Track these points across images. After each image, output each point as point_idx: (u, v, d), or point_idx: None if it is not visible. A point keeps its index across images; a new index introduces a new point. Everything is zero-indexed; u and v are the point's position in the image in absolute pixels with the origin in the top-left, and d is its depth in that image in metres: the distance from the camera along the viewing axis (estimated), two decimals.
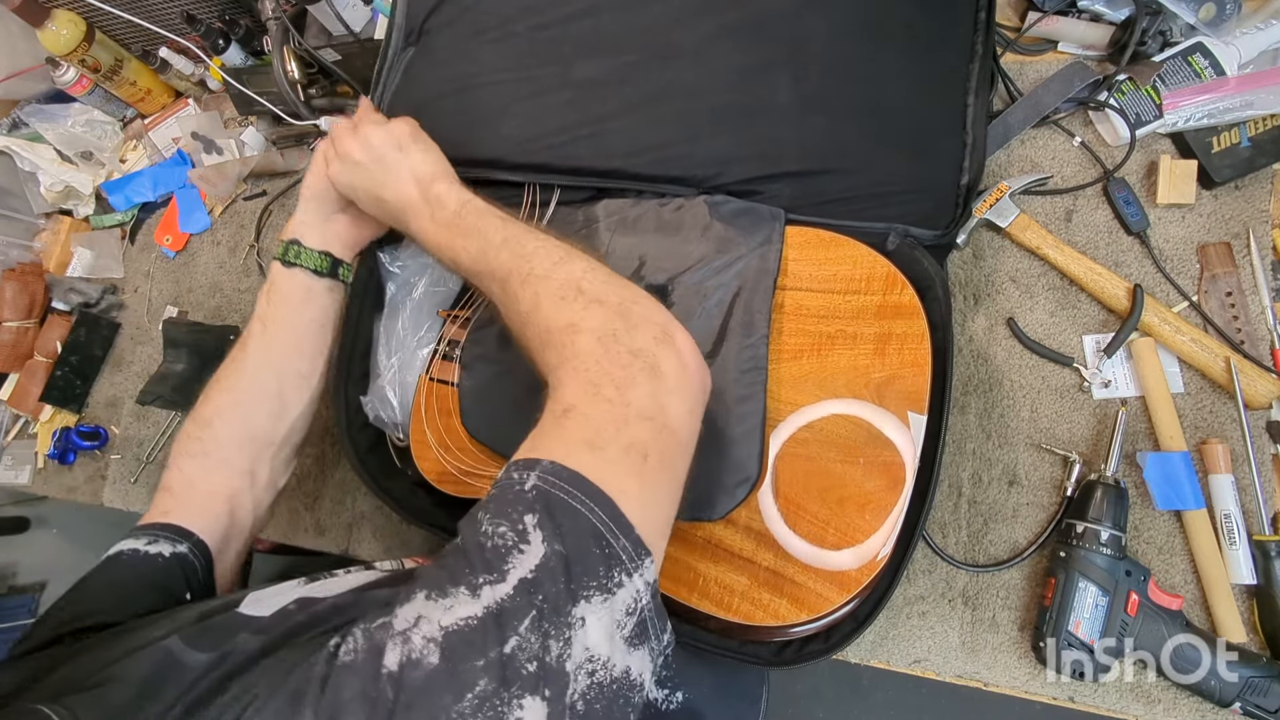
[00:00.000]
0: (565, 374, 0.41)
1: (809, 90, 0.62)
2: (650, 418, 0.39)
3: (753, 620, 0.53)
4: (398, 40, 0.70)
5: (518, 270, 0.47)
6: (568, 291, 0.44)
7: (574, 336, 0.42)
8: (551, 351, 0.43)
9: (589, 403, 0.39)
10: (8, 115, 1.12)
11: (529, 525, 0.33)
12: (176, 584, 0.51)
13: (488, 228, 0.51)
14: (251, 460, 0.62)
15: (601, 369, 0.40)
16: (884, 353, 0.56)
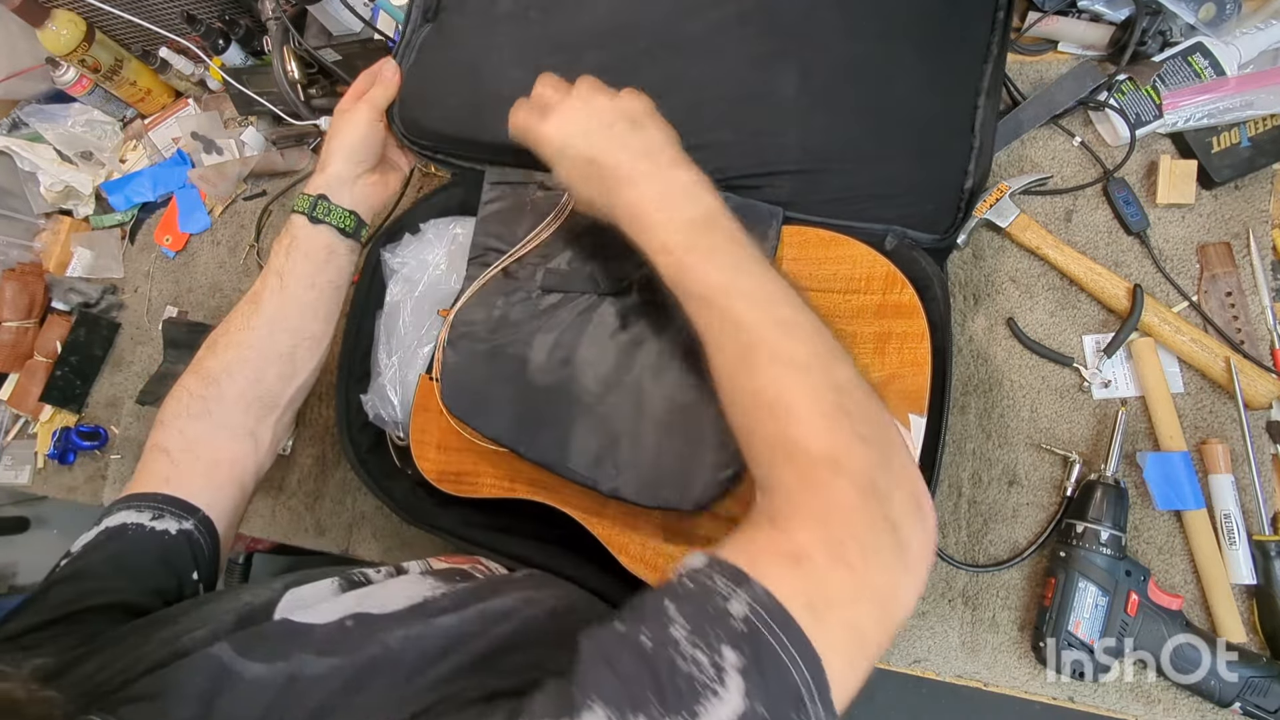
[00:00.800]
0: (807, 512, 0.36)
1: (816, 86, 0.61)
2: (883, 602, 0.35)
3: None
4: (416, 16, 0.70)
5: (766, 340, 0.41)
6: (831, 408, 0.38)
7: (834, 477, 0.36)
8: (792, 472, 0.37)
9: (829, 563, 0.34)
10: (8, 115, 1.12)
11: (729, 666, 0.30)
12: (184, 563, 0.50)
13: (739, 258, 0.45)
14: (256, 422, 0.60)
15: (851, 528, 0.35)
16: (883, 352, 0.56)
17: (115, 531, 0.49)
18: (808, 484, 0.36)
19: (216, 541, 0.53)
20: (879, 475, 0.36)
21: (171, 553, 0.50)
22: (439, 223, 0.73)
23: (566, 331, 0.61)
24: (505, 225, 0.67)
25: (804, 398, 0.39)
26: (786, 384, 0.39)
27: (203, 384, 0.58)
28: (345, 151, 0.63)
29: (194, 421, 0.57)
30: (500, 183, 0.68)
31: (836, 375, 0.40)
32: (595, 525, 0.60)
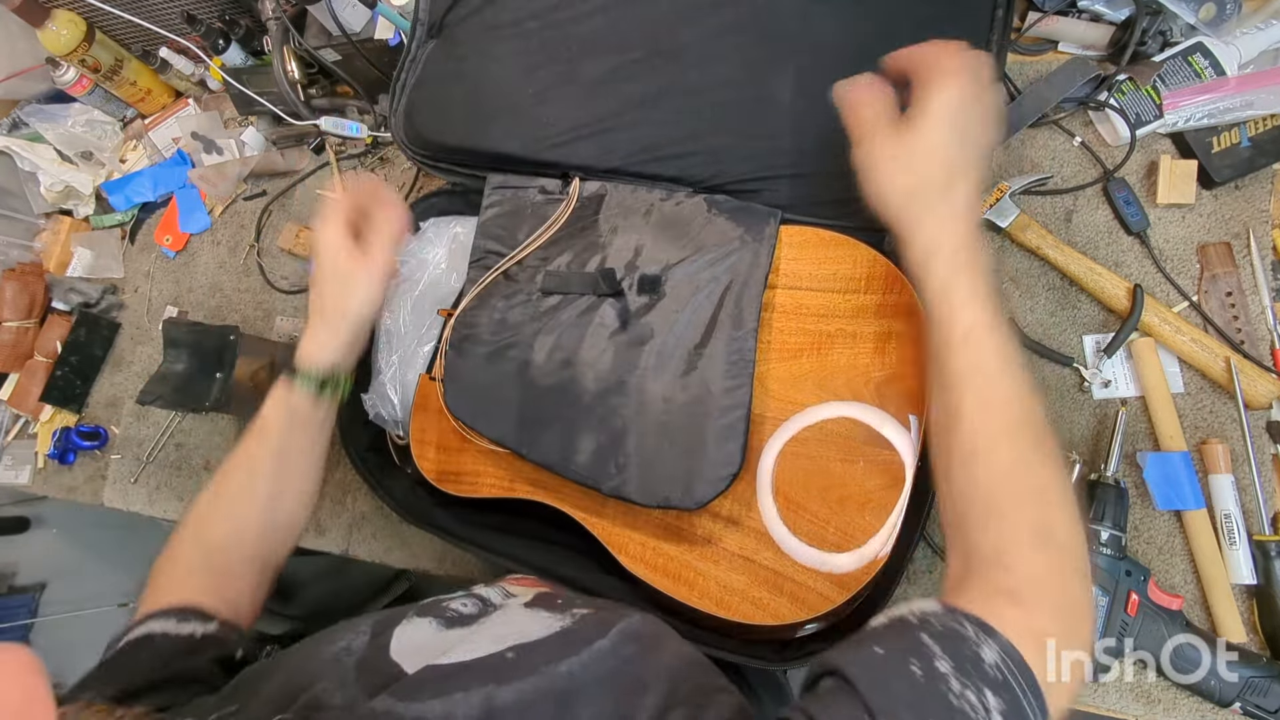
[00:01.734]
0: (1052, 602, 0.38)
1: (812, 90, 0.61)
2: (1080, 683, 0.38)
3: (753, 620, 0.53)
4: (421, 33, 0.71)
5: (1035, 424, 0.43)
6: (1071, 501, 0.41)
7: (1074, 573, 0.39)
8: (1043, 559, 0.39)
9: (1065, 646, 0.37)
10: (8, 115, 1.12)
11: (994, 709, 0.33)
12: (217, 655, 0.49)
13: (1010, 331, 0.45)
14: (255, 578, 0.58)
15: (1083, 622, 0.39)
16: (884, 352, 0.56)
17: (143, 640, 0.49)
18: (1056, 574, 0.39)
19: (243, 635, 0.53)
20: (1091, 574, 0.40)
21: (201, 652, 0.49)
22: (439, 222, 0.74)
23: (567, 333, 0.61)
24: (505, 229, 0.67)
25: (1060, 490, 0.41)
26: (1052, 473, 0.41)
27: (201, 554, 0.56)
28: (361, 322, 0.60)
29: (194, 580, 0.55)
30: (501, 187, 0.68)
31: (1063, 468, 0.43)
32: (595, 525, 0.60)
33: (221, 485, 0.58)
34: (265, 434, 0.58)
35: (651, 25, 0.64)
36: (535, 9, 0.66)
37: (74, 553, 1.61)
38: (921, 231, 0.46)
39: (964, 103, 0.46)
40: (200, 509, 0.58)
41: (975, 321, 0.44)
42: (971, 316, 0.44)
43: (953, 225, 0.46)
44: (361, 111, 0.92)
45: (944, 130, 0.46)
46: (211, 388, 0.81)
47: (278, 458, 0.58)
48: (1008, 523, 0.40)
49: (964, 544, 0.42)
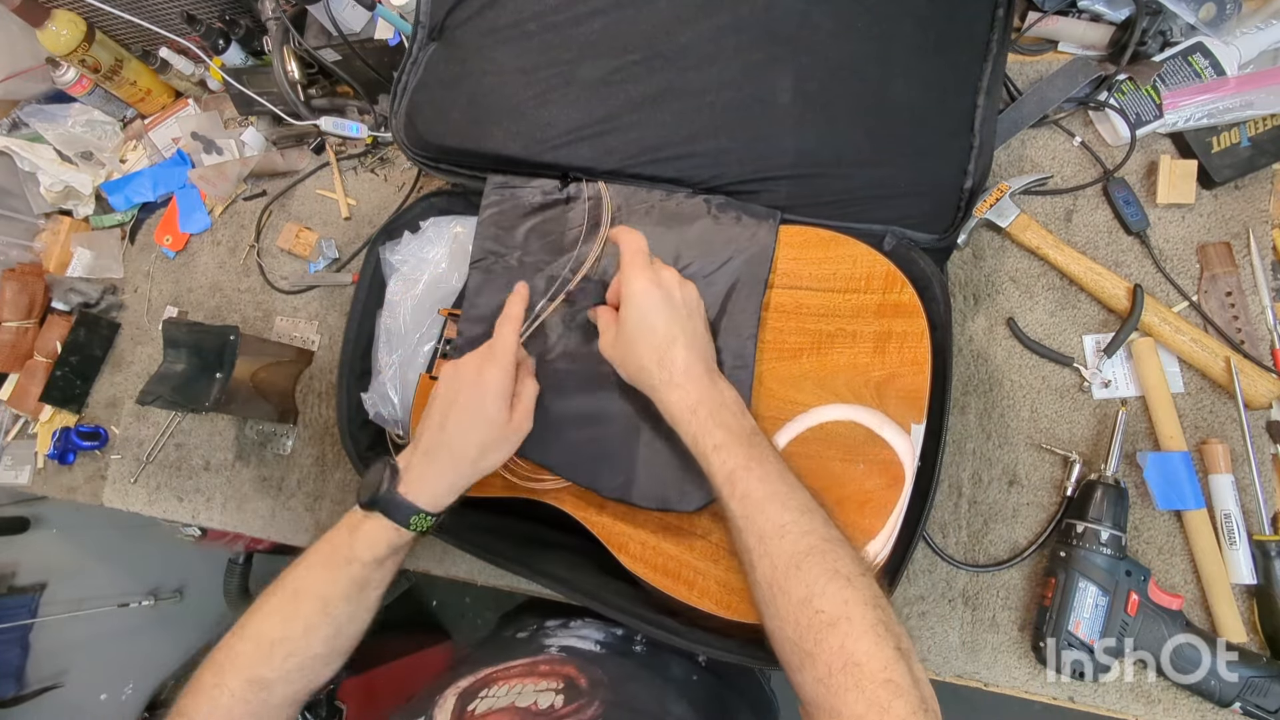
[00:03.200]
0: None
1: (811, 90, 0.62)
2: None
3: (752, 619, 0.53)
4: (422, 36, 0.71)
5: (821, 552, 0.44)
6: (875, 622, 0.41)
7: (893, 698, 0.39)
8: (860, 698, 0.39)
9: None
10: (8, 115, 1.12)
11: None
12: None
13: (783, 470, 0.48)
14: (294, 709, 0.55)
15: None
16: (884, 351, 0.56)
17: None
18: (875, 709, 0.38)
19: None
20: (918, 688, 0.39)
21: None
22: (439, 221, 0.74)
23: (568, 336, 0.61)
24: (505, 229, 0.67)
25: (859, 614, 0.41)
26: (844, 599, 0.42)
27: (251, 689, 0.51)
28: (489, 471, 0.56)
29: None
30: (502, 186, 0.68)
31: (872, 585, 0.43)
32: (595, 524, 0.60)
33: (290, 621, 0.54)
34: (349, 567, 0.54)
35: (651, 27, 0.64)
36: (535, 11, 0.66)
37: (74, 553, 1.61)
38: (661, 402, 0.52)
39: (649, 288, 0.53)
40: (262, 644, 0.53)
41: (733, 467, 0.48)
42: (728, 462, 0.48)
43: (679, 392, 0.51)
44: (361, 112, 0.92)
45: (636, 319, 0.53)
46: (211, 388, 0.81)
47: (361, 590, 0.54)
48: (819, 664, 0.41)
49: (797, 689, 0.43)
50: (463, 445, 0.54)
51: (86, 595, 1.59)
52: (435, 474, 0.54)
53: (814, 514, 0.46)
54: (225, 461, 0.94)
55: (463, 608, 1.86)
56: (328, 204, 0.96)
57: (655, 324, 0.53)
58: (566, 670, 0.55)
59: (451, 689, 0.54)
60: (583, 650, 0.61)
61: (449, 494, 0.55)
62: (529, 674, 0.55)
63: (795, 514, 0.46)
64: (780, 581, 0.44)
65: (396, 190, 0.92)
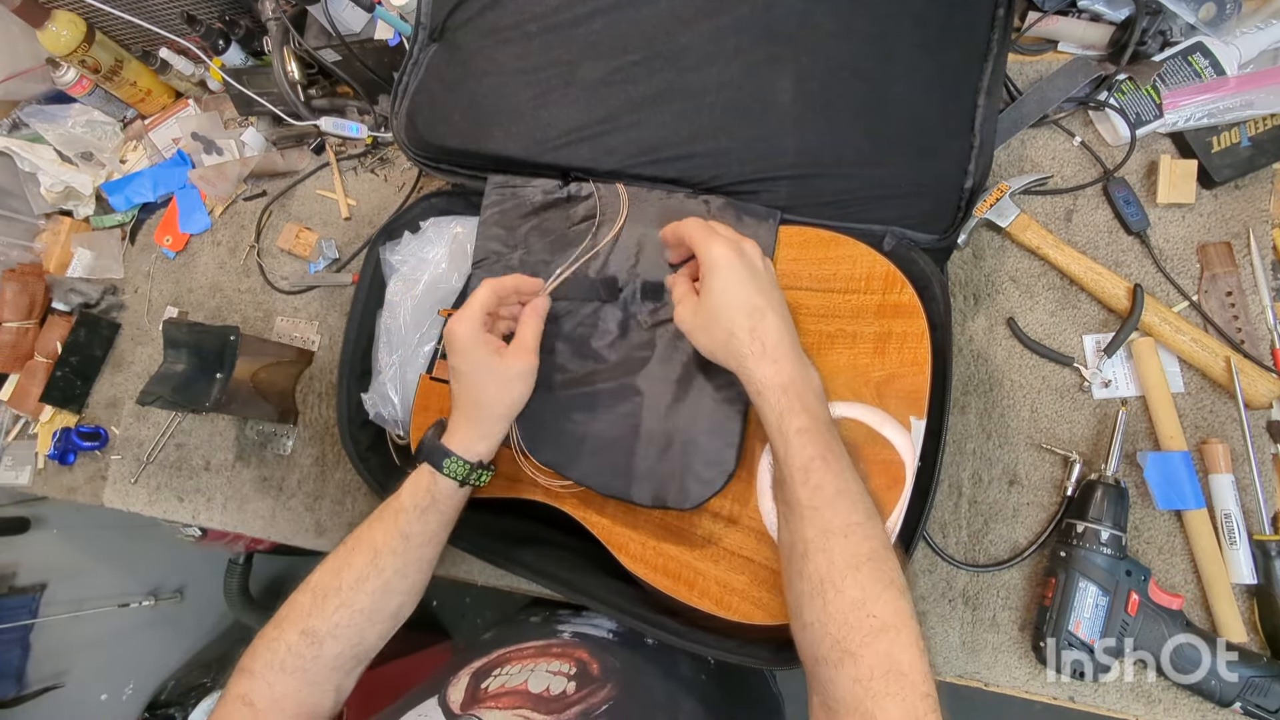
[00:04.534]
0: None
1: (812, 90, 0.61)
2: None
3: (753, 619, 0.53)
4: (423, 37, 0.71)
5: (882, 557, 0.44)
6: (919, 633, 0.42)
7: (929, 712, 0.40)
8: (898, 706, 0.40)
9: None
10: (8, 116, 1.12)
11: None
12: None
13: (854, 470, 0.48)
14: (345, 676, 0.57)
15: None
16: (884, 351, 0.56)
17: None
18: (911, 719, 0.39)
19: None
20: (944, 710, 0.40)
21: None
22: (439, 221, 0.74)
23: (570, 338, 0.61)
24: (506, 228, 0.67)
25: (908, 625, 0.42)
26: (897, 609, 0.42)
27: (304, 642, 0.54)
28: (509, 410, 0.57)
29: (286, 677, 0.54)
30: (503, 186, 0.68)
31: (914, 607, 0.43)
32: (595, 524, 0.60)
33: (341, 571, 0.56)
34: (397, 517, 0.56)
35: (651, 27, 0.64)
36: (536, 12, 0.66)
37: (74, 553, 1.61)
38: (747, 376, 0.50)
39: (733, 257, 0.52)
40: (317, 595, 0.55)
41: (812, 454, 0.47)
42: (807, 448, 0.47)
43: (771, 365, 0.49)
44: (361, 112, 0.92)
45: (721, 287, 0.51)
46: (211, 388, 0.81)
47: (406, 541, 0.56)
48: (862, 665, 0.41)
49: (821, 685, 0.43)
50: (477, 400, 0.57)
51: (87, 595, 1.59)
52: (467, 428, 0.57)
53: (877, 520, 0.46)
54: (225, 462, 0.94)
55: (463, 608, 1.86)
56: (328, 204, 0.96)
57: (745, 293, 0.51)
58: (579, 654, 0.55)
59: (465, 669, 0.55)
60: (596, 637, 0.61)
61: (482, 441, 0.57)
62: (541, 655, 0.55)
63: (863, 516, 0.45)
64: (836, 580, 0.43)
65: (396, 190, 0.92)
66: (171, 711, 1.65)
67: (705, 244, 0.52)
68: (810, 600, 0.44)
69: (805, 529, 0.46)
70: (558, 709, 0.48)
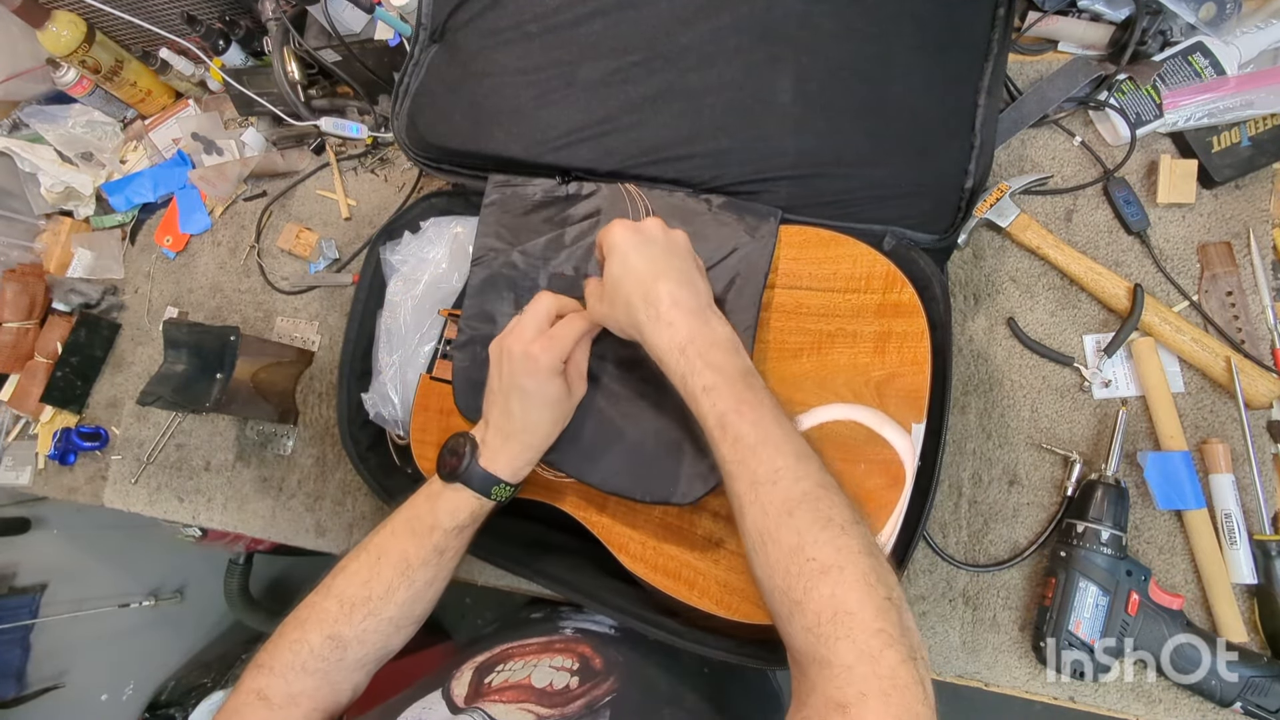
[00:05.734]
0: (873, 692, 0.37)
1: (812, 91, 0.61)
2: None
3: (753, 619, 0.53)
4: (423, 38, 0.71)
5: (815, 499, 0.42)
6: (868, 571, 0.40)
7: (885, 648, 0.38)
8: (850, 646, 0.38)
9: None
10: (8, 116, 1.12)
11: None
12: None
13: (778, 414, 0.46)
14: (365, 676, 0.57)
15: (907, 703, 0.37)
16: (884, 351, 0.56)
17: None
18: (866, 658, 0.37)
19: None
20: (908, 637, 0.38)
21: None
22: (439, 221, 0.74)
23: None
24: (506, 225, 0.67)
25: (852, 563, 0.40)
26: (837, 547, 0.40)
27: (329, 646, 0.53)
28: (548, 425, 0.56)
29: (306, 676, 0.53)
30: (503, 185, 0.68)
31: (866, 535, 0.42)
32: (595, 524, 0.60)
33: (370, 583, 0.55)
34: (432, 534, 0.55)
35: (651, 28, 0.64)
36: (536, 12, 0.66)
37: (75, 553, 1.61)
38: (648, 344, 0.50)
39: (626, 234, 0.52)
40: (345, 604, 0.55)
41: (724, 409, 0.46)
42: (718, 404, 0.46)
43: (665, 329, 0.48)
44: (362, 112, 0.92)
45: (618, 265, 0.51)
46: (212, 389, 0.81)
47: (440, 556, 0.56)
48: (809, 612, 0.39)
49: (785, 639, 0.42)
50: (533, 425, 0.55)
51: (87, 596, 1.59)
52: (512, 453, 0.56)
53: (808, 460, 0.45)
54: (226, 462, 0.94)
55: (463, 608, 1.86)
56: (328, 204, 0.96)
57: (636, 264, 0.51)
58: (581, 649, 0.55)
59: (469, 664, 0.55)
60: (598, 632, 0.62)
61: (527, 466, 0.57)
62: (544, 650, 0.56)
63: (790, 459, 0.44)
64: (771, 529, 0.42)
65: (396, 190, 0.92)
66: (172, 712, 1.65)
67: (603, 233, 0.53)
68: (754, 556, 0.43)
69: (735, 485, 0.45)
70: (561, 703, 0.48)
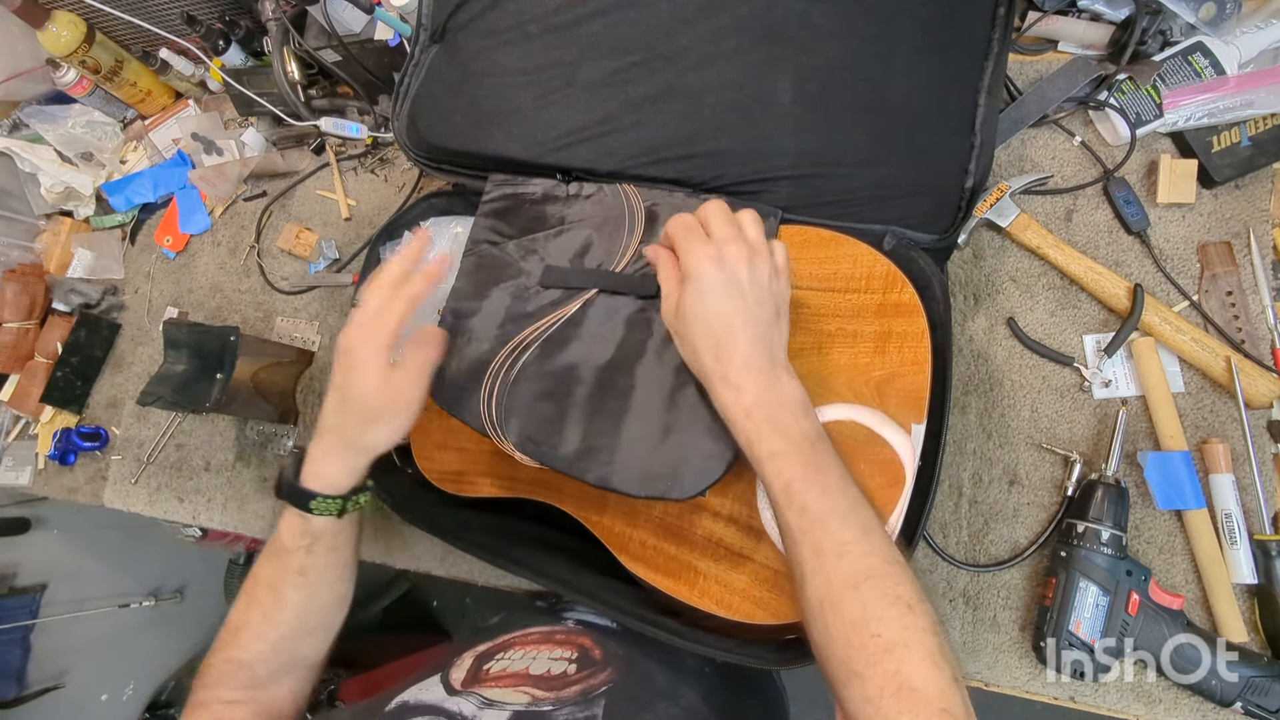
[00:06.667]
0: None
1: (812, 91, 0.61)
2: None
3: (754, 619, 0.53)
4: (424, 39, 0.71)
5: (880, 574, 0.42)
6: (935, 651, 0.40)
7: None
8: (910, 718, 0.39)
9: None
10: (8, 116, 1.12)
11: None
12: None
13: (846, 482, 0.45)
14: (295, 682, 0.58)
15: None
16: (884, 351, 0.56)
17: None
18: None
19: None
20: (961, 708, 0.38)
21: None
22: (439, 222, 0.74)
23: (562, 327, 0.61)
24: (503, 219, 0.67)
25: (917, 640, 0.40)
26: (901, 624, 0.40)
27: (233, 668, 0.55)
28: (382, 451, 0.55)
29: (234, 694, 0.55)
30: (505, 183, 0.68)
31: (932, 614, 0.41)
32: (595, 524, 0.60)
33: (248, 608, 0.56)
34: (283, 557, 0.55)
35: (651, 28, 0.64)
36: (537, 13, 0.66)
37: (75, 554, 1.61)
38: (714, 397, 0.48)
39: (709, 269, 0.48)
40: (230, 629, 0.56)
41: (790, 477, 0.44)
42: (784, 472, 0.45)
43: (732, 391, 0.47)
44: (361, 112, 0.92)
45: (693, 300, 0.48)
46: (212, 389, 0.81)
47: (303, 575, 0.55)
48: (870, 685, 0.39)
49: (840, 702, 0.42)
50: (345, 424, 0.53)
51: (87, 596, 1.59)
52: (326, 456, 0.53)
53: (876, 534, 0.44)
54: (226, 462, 0.94)
55: (463, 608, 1.86)
56: (328, 204, 0.96)
57: (714, 309, 0.48)
58: (582, 640, 0.55)
59: (469, 652, 0.55)
60: (600, 625, 0.62)
61: (344, 475, 0.54)
62: (545, 641, 0.56)
63: (856, 533, 0.43)
64: (835, 601, 0.42)
65: (396, 191, 0.92)
66: (171, 712, 1.65)
67: (684, 253, 0.50)
68: (814, 622, 0.43)
69: (799, 552, 0.44)
70: (558, 687, 0.48)
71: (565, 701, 0.47)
